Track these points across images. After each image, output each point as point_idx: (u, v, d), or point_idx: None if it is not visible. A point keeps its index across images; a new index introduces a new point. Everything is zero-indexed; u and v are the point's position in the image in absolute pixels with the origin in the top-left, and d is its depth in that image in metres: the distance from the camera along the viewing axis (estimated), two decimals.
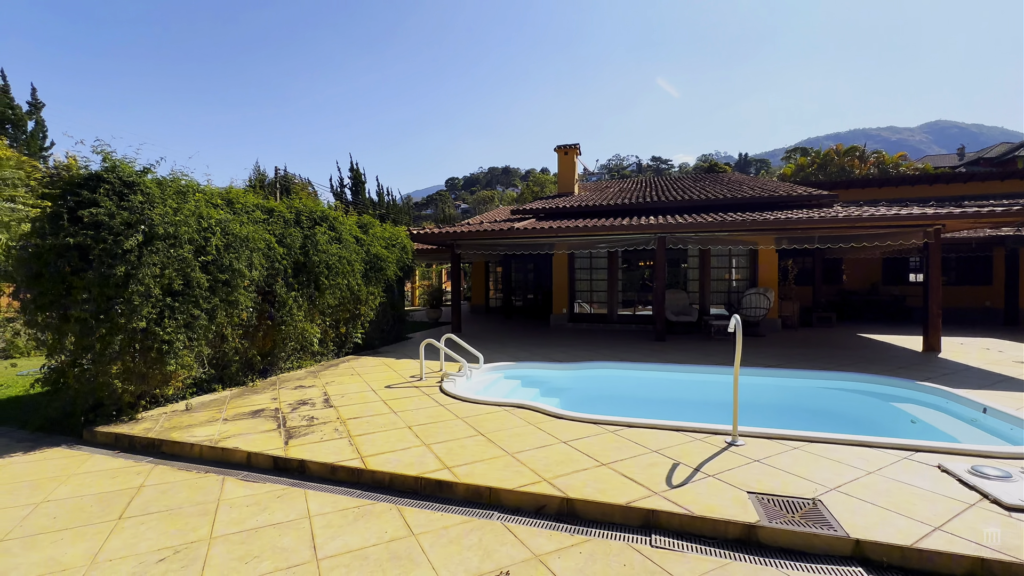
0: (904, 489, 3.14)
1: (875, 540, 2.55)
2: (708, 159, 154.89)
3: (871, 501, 2.97)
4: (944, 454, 3.75)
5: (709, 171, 47.17)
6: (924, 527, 2.67)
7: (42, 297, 4.40)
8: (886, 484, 3.22)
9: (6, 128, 21.37)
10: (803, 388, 6.69)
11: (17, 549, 2.64)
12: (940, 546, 2.49)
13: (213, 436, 4.26)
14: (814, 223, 8.51)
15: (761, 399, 6.62)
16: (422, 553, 2.59)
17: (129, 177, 4.79)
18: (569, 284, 13.23)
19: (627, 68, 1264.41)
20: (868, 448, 3.88)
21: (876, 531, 2.63)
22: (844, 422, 5.81)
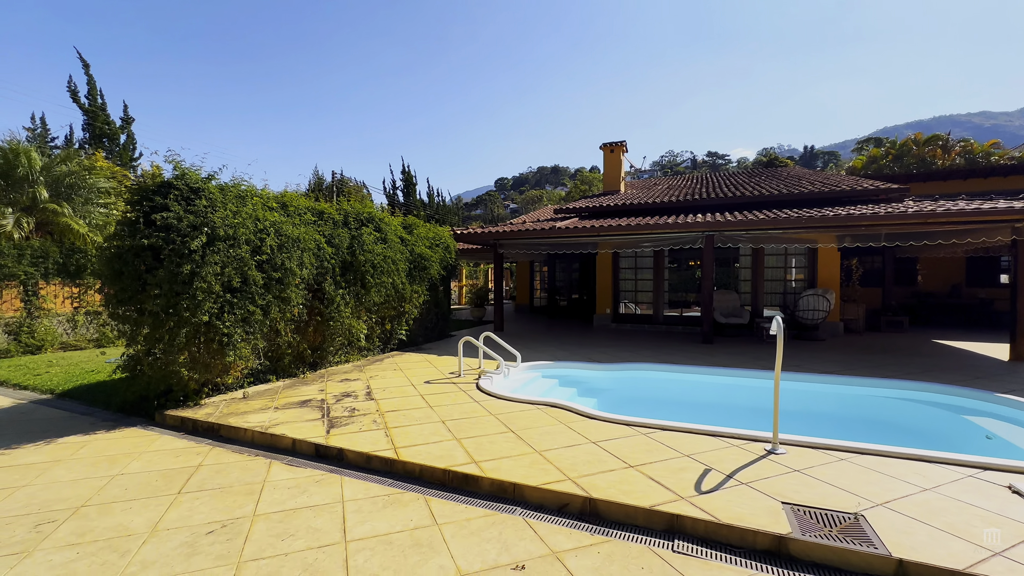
0: (964, 509, 2.87)
1: (921, 562, 2.36)
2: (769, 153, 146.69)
3: (923, 520, 2.75)
4: (1019, 474, 3.38)
5: (768, 166, 44.63)
6: (982, 551, 2.43)
7: (122, 292, 4.92)
8: (943, 503, 2.96)
9: (103, 142, 23.85)
10: (862, 397, 6.22)
11: (94, 514, 2.99)
12: (998, 573, 2.27)
13: (264, 423, 4.59)
14: (878, 219, 7.88)
15: (814, 407, 6.24)
16: (443, 542, 2.67)
17: (195, 184, 5.25)
18: (613, 284, 13.01)
19: (683, 60, 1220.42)
20: (928, 463, 3.57)
21: (924, 552, 2.43)
22: (907, 435, 5.35)
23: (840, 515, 2.83)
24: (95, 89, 23.92)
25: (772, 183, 13.02)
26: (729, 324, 10.99)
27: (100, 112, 24.11)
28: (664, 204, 12.02)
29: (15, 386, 6.51)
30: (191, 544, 2.64)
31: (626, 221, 10.11)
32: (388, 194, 43.89)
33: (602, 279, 13.14)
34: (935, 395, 5.84)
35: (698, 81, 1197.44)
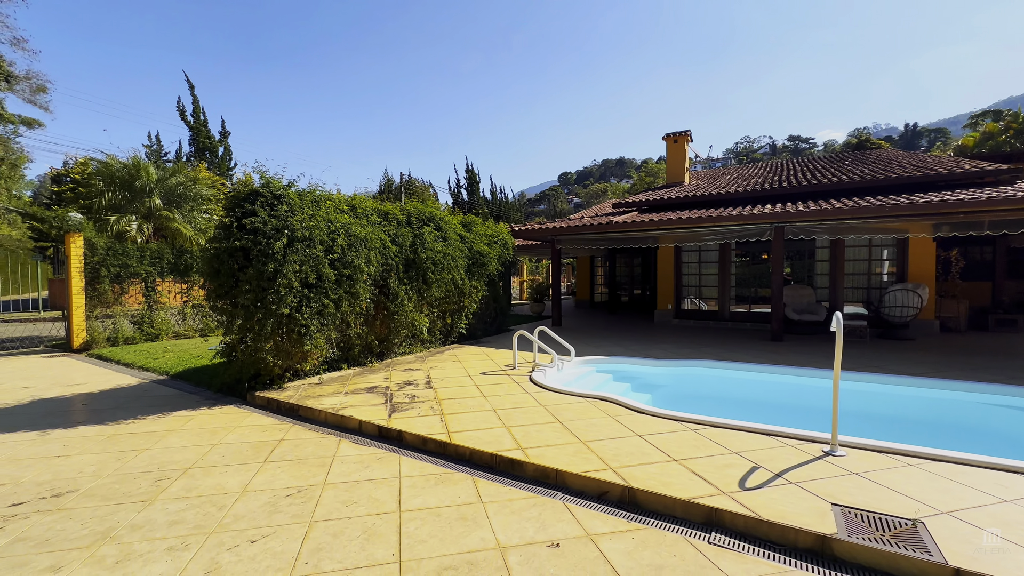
0: None
1: (983, 573, 2.22)
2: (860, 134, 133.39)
3: (992, 530, 2.55)
4: None
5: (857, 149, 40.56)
6: None
7: (219, 288, 5.65)
8: (1021, 515, 2.71)
9: (205, 154, 26.75)
10: (950, 402, 5.66)
11: (199, 475, 3.54)
12: None
13: (335, 405, 5.09)
14: (978, 205, 7.05)
15: (891, 411, 5.79)
16: (486, 518, 2.89)
17: (277, 191, 5.89)
18: (675, 279, 12.63)
19: (759, 37, 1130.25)
20: (1014, 474, 3.26)
21: (986, 563, 2.28)
22: (1004, 444, 4.81)
23: (896, 520, 2.69)
24: (199, 108, 26.86)
25: (855, 168, 11.96)
26: (802, 321, 10.30)
27: (203, 128, 27.04)
28: (729, 195, 11.48)
29: (139, 368, 7.65)
30: (273, 504, 3.07)
31: (687, 214, 9.79)
32: (453, 193, 45.28)
33: (663, 274, 12.81)
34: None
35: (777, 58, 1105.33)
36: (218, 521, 2.85)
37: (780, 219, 8.69)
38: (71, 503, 3.08)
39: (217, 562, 2.44)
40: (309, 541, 2.63)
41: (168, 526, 2.79)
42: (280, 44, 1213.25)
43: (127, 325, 10.26)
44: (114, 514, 2.94)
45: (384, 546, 2.59)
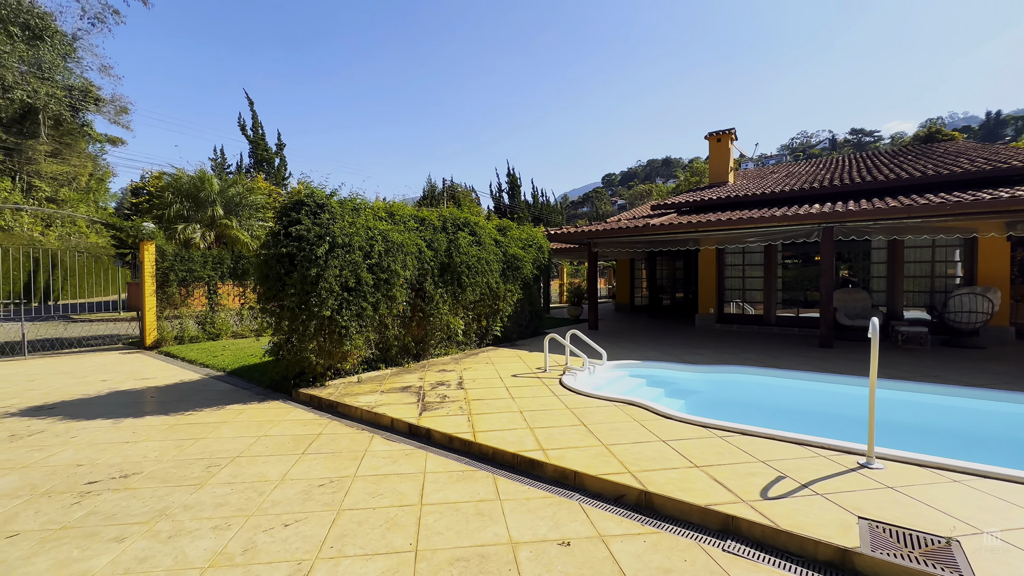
0: None
1: None
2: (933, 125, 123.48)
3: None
4: None
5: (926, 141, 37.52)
6: None
7: (268, 292, 6.09)
8: None
9: (263, 165, 28.50)
10: (1017, 416, 5.20)
11: (244, 463, 3.85)
12: None
13: (371, 403, 5.35)
14: None
15: (945, 423, 5.40)
16: (502, 515, 2.99)
17: (321, 200, 6.27)
18: (717, 282, 12.24)
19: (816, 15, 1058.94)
20: None
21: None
22: None
23: (929, 537, 2.56)
24: (257, 122, 28.68)
25: (916, 163, 11.17)
26: (855, 327, 9.72)
27: (261, 141, 28.84)
28: (774, 195, 11.01)
29: (200, 364, 8.31)
30: (307, 492, 3.31)
31: (725, 215, 9.50)
32: (494, 196, 45.84)
33: (705, 277, 12.45)
34: None
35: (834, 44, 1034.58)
36: (257, 505, 3.11)
37: (827, 219, 8.27)
38: (135, 484, 3.46)
39: (254, 542, 2.67)
40: (336, 527, 2.83)
41: (214, 508, 3.08)
42: (332, 58, 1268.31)
43: (192, 325, 11.15)
44: (170, 495, 3.27)
45: (403, 535, 2.74)
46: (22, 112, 27.73)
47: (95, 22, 32.82)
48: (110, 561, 2.50)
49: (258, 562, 2.48)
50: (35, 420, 5.07)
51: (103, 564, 2.47)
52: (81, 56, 32.42)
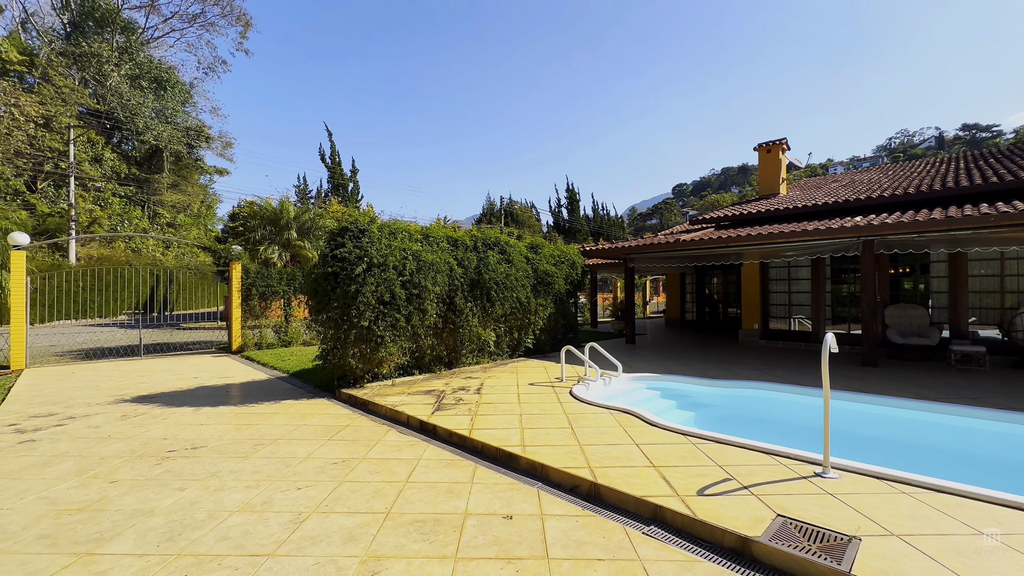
0: (1017, 559, 2.51)
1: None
2: None
3: (936, 558, 2.54)
4: None
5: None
6: None
7: (318, 305, 7.15)
8: (991, 547, 2.61)
9: (339, 190, 31.33)
10: None
11: (283, 444, 4.75)
12: None
13: (396, 403, 6.15)
14: None
15: (988, 451, 5.17)
16: (468, 494, 3.57)
17: (362, 226, 7.28)
18: (761, 297, 11.93)
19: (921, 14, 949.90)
20: (1020, 511, 3.01)
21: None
22: None
23: (833, 535, 2.78)
24: (335, 151, 31.69)
25: (993, 168, 10.27)
26: (908, 346, 9.12)
27: (338, 168, 31.77)
28: (818, 207, 10.64)
29: (271, 367, 9.69)
30: (321, 468, 4.10)
31: (757, 230, 9.40)
32: (553, 212, 46.58)
33: (748, 292, 12.17)
34: None
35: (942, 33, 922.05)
36: (282, 474, 3.94)
37: (862, 233, 7.99)
38: (200, 455, 4.45)
39: (272, 497, 3.48)
40: (335, 493, 3.57)
41: (251, 473, 3.96)
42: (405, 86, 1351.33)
43: (269, 333, 12.83)
44: (223, 463, 4.21)
45: (383, 502, 3.41)
46: (150, 152, 32.89)
47: (207, 71, 38.21)
48: (173, 502, 3.41)
49: (271, 511, 3.27)
50: (140, 405, 6.42)
51: (168, 504, 3.39)
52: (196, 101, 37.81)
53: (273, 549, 2.78)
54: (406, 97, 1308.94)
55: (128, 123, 30.63)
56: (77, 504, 3.39)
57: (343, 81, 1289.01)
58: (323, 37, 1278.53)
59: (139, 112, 30.64)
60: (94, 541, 2.88)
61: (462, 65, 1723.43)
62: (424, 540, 2.89)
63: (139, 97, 30.80)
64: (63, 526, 3.07)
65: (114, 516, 3.20)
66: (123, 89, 30.14)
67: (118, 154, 32.42)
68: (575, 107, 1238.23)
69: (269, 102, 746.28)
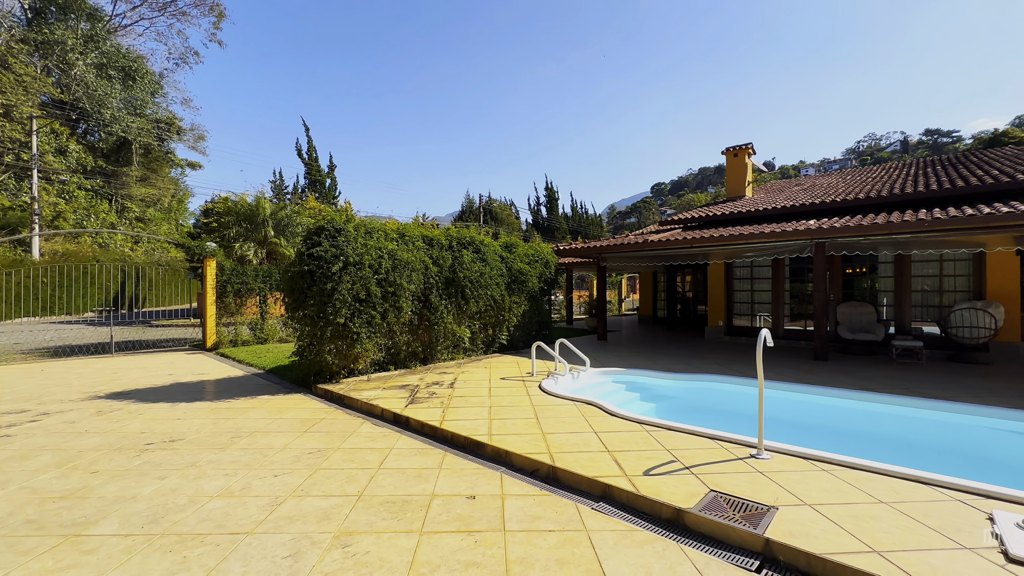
0: (900, 521, 2.93)
1: (788, 544, 2.70)
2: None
3: (837, 522, 2.94)
4: (1018, 504, 3.11)
5: (991, 145, 34.81)
6: (865, 550, 2.63)
7: (294, 303, 7.30)
8: (884, 514, 3.03)
9: (316, 186, 31.00)
10: (964, 427, 5.43)
11: (259, 436, 4.95)
12: (858, 564, 2.51)
13: (370, 397, 6.37)
14: (1015, 218, 6.51)
15: (910, 435, 5.71)
16: (436, 478, 3.85)
17: (338, 226, 7.45)
18: (726, 295, 12.50)
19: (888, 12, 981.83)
20: (920, 484, 3.47)
21: (801, 540, 2.73)
22: (992, 469, 4.66)
23: (755, 505, 3.17)
24: (312, 146, 31.33)
25: (937, 175, 11.02)
26: (857, 341, 9.77)
27: (315, 164, 31.42)
28: (777, 210, 11.23)
29: (247, 364, 9.75)
30: (297, 457, 4.33)
31: (718, 232, 9.91)
32: (532, 211, 46.94)
33: (714, 290, 12.73)
34: None
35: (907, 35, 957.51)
36: (260, 463, 4.16)
37: (815, 235, 8.55)
38: (178, 447, 4.62)
39: (250, 484, 3.70)
40: (310, 479, 3.81)
41: (229, 463, 4.16)
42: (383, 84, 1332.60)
43: (245, 330, 12.82)
44: (201, 454, 4.39)
45: (355, 486, 3.67)
46: (118, 144, 31.94)
47: (179, 62, 37.19)
48: (154, 489, 3.60)
49: (249, 495, 3.50)
50: (115, 402, 6.49)
51: (150, 491, 3.57)
52: (166, 92, 36.79)
53: (252, 528, 3.02)
54: (388, 96, 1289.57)
55: (95, 114, 29.71)
56: (60, 493, 3.55)
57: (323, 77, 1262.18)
58: (303, 31, 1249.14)
59: (106, 103, 29.72)
60: (80, 524, 3.07)
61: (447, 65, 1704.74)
62: (393, 518, 3.17)
63: (106, 87, 29.88)
64: (48, 512, 3.24)
65: (97, 503, 3.38)
66: (89, 78, 29.17)
67: (84, 146, 31.41)
68: (557, 107, 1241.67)
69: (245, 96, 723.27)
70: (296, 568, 2.60)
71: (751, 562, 2.70)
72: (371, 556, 2.71)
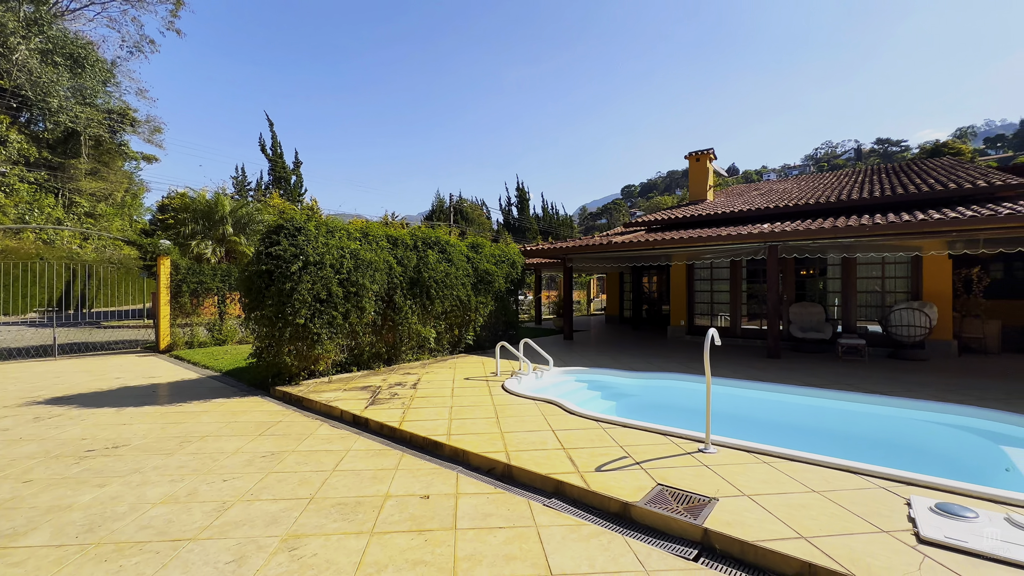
0: (828, 509, 3.12)
1: (724, 533, 2.84)
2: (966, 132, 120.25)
3: (771, 511, 3.10)
4: (942, 491, 3.36)
5: (933, 154, 37.20)
6: (794, 536, 2.79)
7: (252, 303, 7.11)
8: (815, 502, 3.22)
9: (280, 183, 30.15)
10: (897, 419, 5.80)
11: (210, 440, 4.80)
12: (787, 550, 2.66)
13: (330, 399, 6.28)
14: (960, 224, 7.01)
15: (832, 426, 6.05)
16: (391, 479, 3.85)
17: (298, 224, 7.29)
18: (688, 296, 12.89)
19: (841, 34, 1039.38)
20: (848, 473, 3.70)
21: (737, 529, 2.88)
22: (919, 458, 5.00)
23: (698, 497, 3.31)
24: (276, 142, 30.45)
25: (882, 183, 11.69)
26: (807, 339, 10.27)
27: (279, 160, 30.54)
28: (735, 214, 11.67)
29: (202, 366, 9.42)
30: (251, 461, 4.23)
31: (679, 234, 10.22)
32: (503, 211, 47.02)
33: (676, 291, 13.10)
34: (984, 422, 5.26)
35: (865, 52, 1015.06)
36: (209, 468, 4.05)
37: (771, 239, 8.93)
38: (122, 452, 4.44)
39: (197, 489, 3.60)
40: (261, 483, 3.73)
41: (176, 468, 4.03)
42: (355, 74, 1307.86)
43: (201, 331, 12.36)
44: (147, 460, 4.24)
45: (308, 489, 3.63)
46: (66, 134, 30.18)
47: (133, 50, 35.45)
48: (92, 498, 3.45)
49: (195, 501, 3.40)
50: (55, 407, 6.17)
51: (87, 499, 3.43)
52: (119, 81, 35.01)
53: (196, 534, 2.95)
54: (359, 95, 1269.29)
55: (39, 102, 27.97)
56: None
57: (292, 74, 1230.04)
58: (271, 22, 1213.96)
59: (52, 91, 28.03)
60: (7, 536, 2.92)
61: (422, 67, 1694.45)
62: (344, 519, 3.15)
63: (52, 74, 28.17)
64: None
65: (28, 513, 3.22)
66: (32, 64, 27.42)
67: (27, 136, 29.52)
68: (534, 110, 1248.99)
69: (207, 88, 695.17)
70: (239, 572, 2.56)
71: (690, 551, 2.82)
72: (318, 558, 2.69)
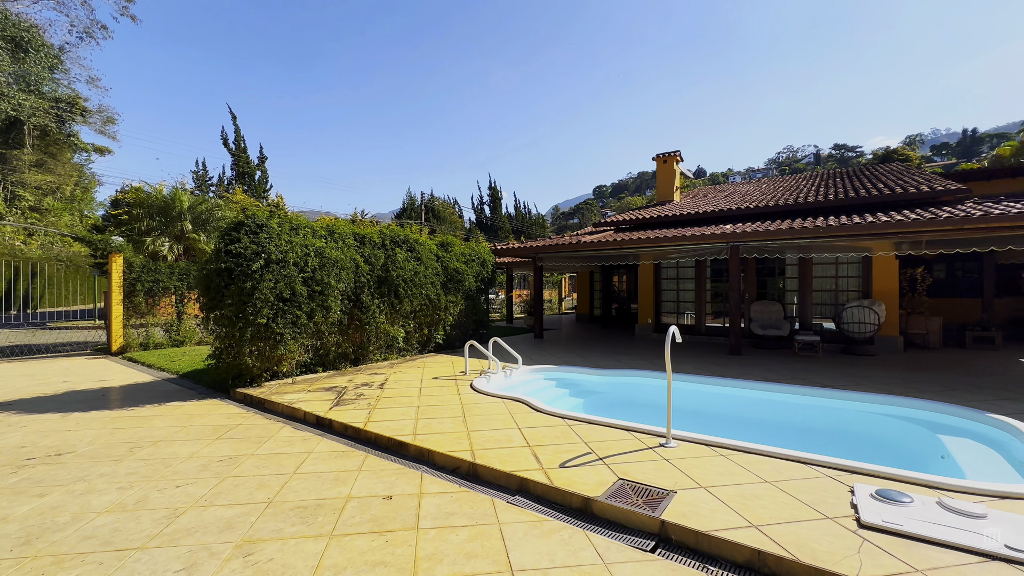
0: (779, 498, 3.26)
1: (680, 524, 2.93)
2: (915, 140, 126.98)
3: (726, 501, 3.21)
4: (883, 479, 3.56)
5: (884, 160, 39.28)
6: (745, 525, 2.90)
7: (210, 302, 6.86)
8: (767, 492, 3.35)
9: (244, 178, 29.15)
10: (848, 411, 6.11)
11: (163, 445, 4.61)
12: (737, 538, 2.76)
13: (293, 400, 6.13)
14: (904, 227, 7.43)
15: (786, 418, 6.32)
16: (354, 481, 3.79)
17: (260, 222, 7.08)
18: (655, 294, 13.18)
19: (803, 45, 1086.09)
20: (798, 463, 3.87)
21: (692, 520, 2.97)
22: (869, 448, 5.29)
23: (657, 490, 3.40)
24: (240, 136, 29.41)
25: (840, 187, 12.25)
26: (767, 336, 10.67)
27: (243, 154, 29.52)
28: (698, 215, 12.01)
29: (158, 368, 9.03)
30: (205, 465, 4.09)
31: (645, 234, 10.45)
32: (476, 210, 46.89)
33: (643, 290, 13.37)
34: (921, 412, 5.59)
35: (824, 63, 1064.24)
36: (160, 474, 3.89)
37: (733, 239, 9.23)
38: (66, 460, 4.21)
39: (147, 497, 3.46)
40: (216, 488, 3.62)
41: (125, 475, 3.85)
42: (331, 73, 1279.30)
43: (158, 332, 11.84)
44: (93, 467, 4.04)
45: (266, 493, 3.53)
46: (7, 123, 28.30)
47: (84, 36, 33.58)
48: (30, 508, 3.27)
49: (144, 509, 3.27)
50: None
51: (25, 510, 3.24)
52: (68, 68, 33.08)
53: (144, 543, 2.83)
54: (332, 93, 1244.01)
55: None
56: None
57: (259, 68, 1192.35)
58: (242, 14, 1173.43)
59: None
60: None
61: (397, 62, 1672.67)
62: (303, 523, 3.09)
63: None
64: None
65: None
66: None
67: None
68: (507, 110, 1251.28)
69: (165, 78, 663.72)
70: None
71: (648, 543, 2.90)
72: (274, 563, 2.63)
